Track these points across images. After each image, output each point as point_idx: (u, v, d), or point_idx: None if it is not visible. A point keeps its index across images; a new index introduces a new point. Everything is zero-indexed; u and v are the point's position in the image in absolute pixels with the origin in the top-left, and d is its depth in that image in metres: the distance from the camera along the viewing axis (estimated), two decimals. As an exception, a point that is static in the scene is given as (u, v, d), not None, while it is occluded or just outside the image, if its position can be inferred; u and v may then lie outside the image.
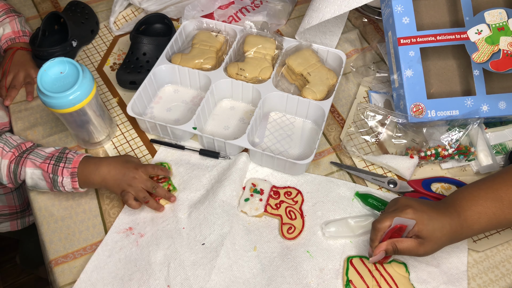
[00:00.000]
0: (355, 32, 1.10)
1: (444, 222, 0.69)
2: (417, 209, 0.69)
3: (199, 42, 1.00)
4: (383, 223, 0.70)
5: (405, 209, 0.69)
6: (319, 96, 0.92)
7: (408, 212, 0.69)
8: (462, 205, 0.70)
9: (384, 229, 0.70)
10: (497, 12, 0.85)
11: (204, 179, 0.87)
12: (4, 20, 1.04)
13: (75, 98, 0.78)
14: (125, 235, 0.80)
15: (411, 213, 0.68)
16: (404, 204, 0.71)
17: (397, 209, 0.70)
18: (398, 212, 0.69)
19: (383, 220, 0.70)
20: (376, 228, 0.70)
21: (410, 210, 0.69)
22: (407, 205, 0.70)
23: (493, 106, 0.85)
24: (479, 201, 0.70)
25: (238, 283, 0.75)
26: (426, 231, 0.68)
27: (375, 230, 0.71)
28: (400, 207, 0.70)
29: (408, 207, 0.69)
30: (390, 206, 0.74)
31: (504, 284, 0.76)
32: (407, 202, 0.71)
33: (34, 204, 0.85)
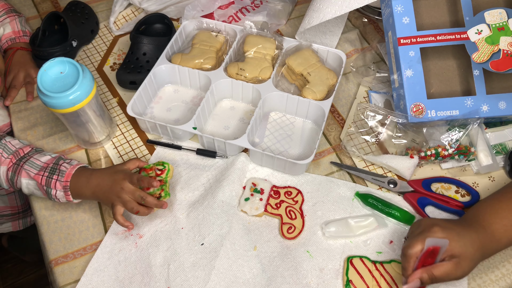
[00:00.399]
0: (355, 32, 1.10)
1: (473, 236, 0.67)
2: (444, 227, 0.67)
3: (199, 42, 1.00)
4: (414, 248, 0.66)
5: (432, 228, 0.66)
6: (319, 96, 0.92)
7: (436, 231, 0.66)
8: (486, 219, 0.69)
9: (416, 254, 0.66)
10: (497, 12, 0.85)
11: (202, 179, 0.86)
12: (5, 20, 1.04)
13: (75, 98, 0.78)
14: (124, 237, 0.80)
15: (440, 231, 0.66)
16: (429, 224, 0.68)
17: (424, 231, 0.67)
18: (425, 233, 0.66)
19: (414, 245, 0.66)
20: (407, 254, 0.66)
21: (438, 228, 0.66)
22: (433, 224, 0.67)
23: (493, 106, 0.85)
24: (503, 214, 0.69)
25: (238, 283, 0.75)
26: (459, 247, 0.65)
27: (406, 257, 0.66)
28: (426, 228, 0.68)
29: (434, 225, 0.67)
30: (413, 230, 0.71)
31: (504, 284, 0.76)
32: (432, 221, 0.69)
33: (34, 204, 0.85)
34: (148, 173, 0.83)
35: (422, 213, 0.81)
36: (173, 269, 0.76)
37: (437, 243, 0.65)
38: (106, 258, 0.78)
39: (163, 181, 0.82)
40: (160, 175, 0.82)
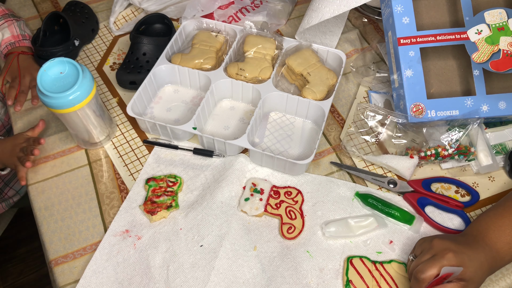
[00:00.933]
0: (355, 32, 1.10)
1: (482, 260, 0.67)
2: (457, 252, 0.67)
3: (199, 42, 1.00)
4: (428, 273, 0.66)
5: (446, 254, 0.66)
6: (319, 96, 0.92)
7: (450, 258, 0.66)
8: (491, 237, 0.70)
9: (429, 279, 0.66)
10: (497, 12, 0.85)
11: (200, 179, 0.87)
12: (3, 25, 1.04)
13: (75, 98, 0.78)
14: (122, 238, 0.80)
15: (453, 258, 0.66)
16: (442, 247, 0.68)
17: (437, 255, 0.67)
18: (439, 258, 0.66)
19: (427, 270, 0.66)
20: (420, 279, 0.66)
21: (452, 255, 0.66)
22: (446, 249, 0.67)
23: (493, 106, 0.85)
24: (506, 231, 0.70)
25: (238, 283, 0.75)
26: (469, 273, 0.66)
27: (419, 282, 0.66)
28: (439, 252, 0.67)
29: (448, 250, 0.67)
30: (423, 250, 0.70)
31: (504, 284, 0.76)
32: (445, 245, 0.68)
33: (34, 204, 0.85)
34: (158, 183, 0.84)
35: (422, 213, 0.81)
36: (172, 270, 0.76)
37: (452, 271, 0.65)
38: (104, 260, 0.78)
39: (174, 192, 0.84)
40: (172, 186, 0.84)
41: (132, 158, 0.90)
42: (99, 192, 0.86)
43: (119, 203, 0.84)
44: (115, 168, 0.89)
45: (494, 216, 0.72)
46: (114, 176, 0.88)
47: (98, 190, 0.86)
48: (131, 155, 0.91)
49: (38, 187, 0.87)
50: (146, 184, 0.85)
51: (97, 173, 0.88)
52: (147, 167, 0.88)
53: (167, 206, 0.82)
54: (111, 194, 0.86)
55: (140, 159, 0.90)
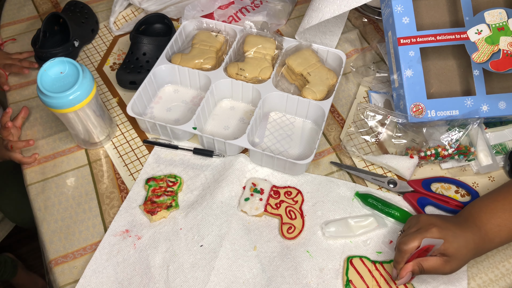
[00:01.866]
0: (355, 32, 1.10)
1: (468, 238, 0.68)
2: (442, 227, 0.68)
3: (199, 42, 1.00)
4: (410, 245, 0.68)
5: (430, 228, 0.68)
6: (319, 96, 0.92)
7: (433, 231, 0.68)
8: (481, 219, 0.70)
9: (411, 250, 0.68)
10: (497, 12, 0.85)
11: (200, 179, 0.87)
12: None
13: (75, 98, 0.78)
14: (122, 238, 0.80)
15: (437, 232, 0.68)
16: (428, 222, 0.70)
17: (421, 229, 0.69)
18: (422, 231, 0.68)
19: (409, 242, 0.68)
20: (402, 250, 0.69)
21: (435, 229, 0.68)
22: (431, 224, 0.69)
23: (493, 106, 0.85)
24: (498, 213, 0.70)
25: (238, 283, 0.75)
26: (452, 249, 0.67)
27: (401, 252, 0.69)
28: (423, 226, 0.69)
29: (433, 225, 0.69)
30: (410, 225, 0.73)
31: (504, 284, 0.76)
32: (430, 221, 0.70)
33: (34, 204, 0.85)
34: (158, 183, 0.84)
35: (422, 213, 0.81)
36: (172, 270, 0.76)
37: (432, 243, 0.67)
38: (104, 260, 0.78)
39: (174, 192, 0.84)
40: (172, 186, 0.84)
41: (132, 158, 0.90)
42: (99, 192, 0.86)
43: (119, 203, 0.84)
44: (115, 168, 0.89)
45: (487, 201, 0.74)
46: (114, 176, 0.88)
47: (98, 190, 0.86)
48: (131, 155, 0.91)
49: (38, 187, 0.87)
50: (146, 184, 0.85)
51: (97, 173, 0.88)
52: (147, 167, 0.88)
53: (167, 206, 0.82)
54: (111, 194, 0.86)
55: (140, 159, 0.90)
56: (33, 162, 0.90)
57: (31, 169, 0.89)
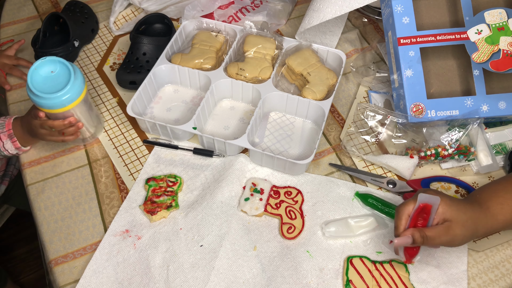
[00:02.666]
0: (355, 32, 1.10)
1: (467, 206, 0.68)
2: (438, 192, 0.69)
3: (199, 42, 1.00)
4: (407, 206, 0.68)
5: (426, 191, 0.68)
6: (319, 96, 0.92)
7: (428, 192, 0.68)
8: (483, 197, 0.70)
9: (408, 211, 0.68)
10: (497, 12, 0.85)
11: (200, 179, 0.87)
12: None
13: (66, 99, 0.78)
14: (122, 238, 0.80)
15: (432, 193, 0.67)
16: (423, 190, 0.70)
17: (416, 193, 0.69)
18: (415, 195, 0.69)
19: (406, 203, 0.68)
20: (400, 211, 0.68)
21: (431, 191, 0.68)
22: (426, 190, 0.69)
23: (493, 106, 0.85)
24: (499, 193, 0.70)
25: (238, 283, 0.75)
26: (450, 211, 0.66)
27: (399, 214, 0.69)
28: (419, 192, 0.70)
29: (428, 190, 0.69)
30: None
31: (504, 284, 0.76)
32: (426, 190, 0.70)
33: (34, 204, 0.85)
34: (158, 183, 0.85)
35: None
36: (172, 270, 0.76)
37: (428, 200, 0.66)
38: (104, 260, 0.78)
39: (174, 192, 0.84)
40: (172, 186, 0.84)
41: (132, 158, 0.90)
42: (99, 192, 0.86)
43: (119, 203, 0.84)
44: (115, 168, 0.89)
45: (489, 185, 0.74)
46: (114, 176, 0.88)
47: (98, 190, 0.86)
48: (131, 155, 0.91)
49: (38, 187, 0.87)
50: (146, 184, 0.85)
51: (97, 173, 0.88)
52: (147, 167, 0.88)
53: (167, 206, 0.82)
54: (111, 194, 0.86)
55: (140, 159, 0.90)
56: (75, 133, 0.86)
57: (31, 169, 0.89)
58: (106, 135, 0.94)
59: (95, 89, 1.01)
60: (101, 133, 0.94)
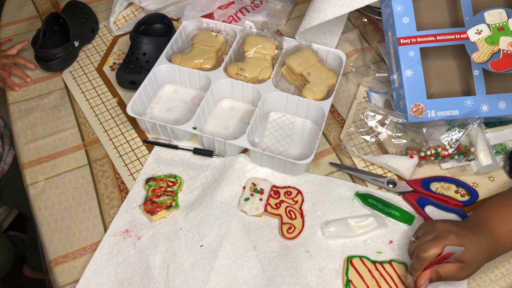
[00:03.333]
0: (355, 32, 1.10)
1: (483, 244, 0.68)
2: (459, 234, 0.68)
3: (199, 42, 1.00)
4: (430, 252, 0.67)
5: (448, 235, 0.68)
6: (319, 96, 0.92)
7: (452, 239, 0.67)
8: (493, 224, 0.70)
9: (431, 258, 0.68)
10: (497, 12, 0.85)
11: (200, 179, 0.87)
12: None
13: None
14: (122, 238, 0.80)
15: (455, 239, 0.67)
16: (444, 229, 0.69)
17: (439, 236, 0.69)
18: (441, 239, 0.68)
19: (429, 249, 0.67)
20: (422, 258, 0.68)
21: (454, 236, 0.68)
22: (448, 231, 0.69)
23: (493, 106, 0.85)
24: (509, 219, 0.71)
25: (238, 283, 0.75)
26: (469, 256, 0.67)
27: (420, 260, 0.68)
28: (441, 233, 0.69)
29: (450, 232, 0.68)
30: (426, 231, 0.72)
31: (504, 284, 0.76)
32: (447, 227, 0.70)
33: (34, 204, 0.85)
34: (158, 183, 0.84)
35: (421, 213, 0.81)
36: (172, 270, 0.76)
37: (454, 251, 0.67)
38: (104, 260, 0.78)
39: (174, 192, 0.84)
40: (172, 186, 0.84)
41: (132, 158, 0.90)
42: (99, 192, 0.86)
43: (119, 203, 0.84)
44: (115, 168, 0.89)
45: (498, 205, 0.73)
46: (114, 176, 0.88)
47: (98, 190, 0.86)
48: (131, 155, 0.91)
49: (38, 187, 0.87)
50: (146, 184, 0.85)
51: (97, 173, 0.88)
52: (147, 167, 0.88)
53: (167, 206, 0.82)
54: (111, 194, 0.86)
55: (140, 159, 0.90)
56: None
57: (31, 169, 0.89)
58: (106, 135, 0.94)
59: (95, 89, 1.01)
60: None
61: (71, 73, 1.04)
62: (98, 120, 0.96)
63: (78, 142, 0.93)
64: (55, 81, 1.03)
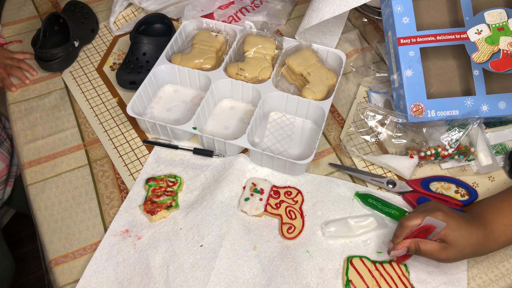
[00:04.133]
0: (355, 32, 1.10)
1: (472, 232, 0.69)
2: (447, 214, 0.69)
3: (199, 42, 1.00)
4: (412, 221, 0.69)
5: (435, 211, 0.69)
6: (319, 96, 0.92)
7: (438, 215, 0.68)
8: (488, 218, 0.71)
9: (412, 227, 0.69)
10: (497, 12, 0.85)
11: (200, 179, 0.87)
12: None
13: None
14: (122, 238, 0.80)
15: (441, 216, 0.68)
16: (435, 207, 0.71)
17: (427, 210, 0.70)
18: (428, 213, 0.69)
19: (412, 218, 0.69)
20: (404, 225, 0.70)
21: (441, 213, 0.68)
22: (437, 208, 0.70)
23: (493, 106, 0.85)
24: (504, 213, 0.71)
25: (238, 283, 0.75)
26: (452, 236, 0.68)
27: (402, 227, 0.70)
28: (430, 209, 0.70)
29: (439, 210, 0.69)
30: (419, 207, 0.74)
31: (504, 284, 0.76)
32: (438, 206, 0.71)
33: (34, 204, 0.85)
34: (158, 183, 0.84)
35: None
36: (172, 270, 0.76)
37: (434, 223, 0.68)
38: (104, 260, 0.78)
39: (174, 192, 0.84)
40: (172, 186, 0.84)
41: (132, 158, 0.90)
42: (99, 192, 0.86)
43: (119, 203, 0.84)
44: (115, 168, 0.89)
45: (495, 201, 0.74)
46: (114, 176, 0.88)
47: (98, 190, 0.86)
48: (131, 155, 0.91)
49: (38, 187, 0.87)
50: (146, 184, 0.85)
51: (97, 173, 0.88)
52: (147, 167, 0.88)
53: (167, 206, 0.82)
54: (111, 194, 0.86)
55: (140, 159, 0.90)
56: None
57: (31, 169, 0.89)
58: (106, 135, 0.94)
59: (95, 89, 1.01)
60: None
61: (71, 73, 1.04)
62: (98, 120, 0.96)
63: (78, 142, 0.93)
64: (55, 81, 1.03)
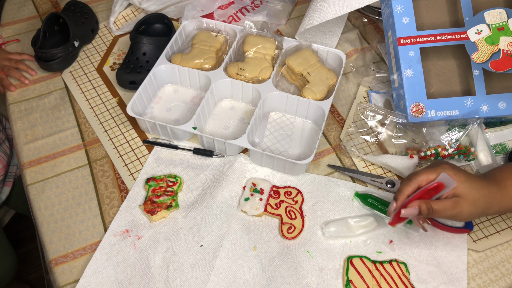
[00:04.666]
0: (355, 32, 1.10)
1: (483, 184, 0.66)
2: (455, 168, 0.66)
3: (199, 42, 1.00)
4: (425, 176, 0.65)
5: (444, 166, 0.65)
6: (319, 96, 0.92)
7: (446, 168, 0.65)
8: (502, 176, 0.68)
9: (422, 182, 0.65)
10: (497, 12, 0.85)
11: (200, 179, 0.87)
12: None
13: None
14: (122, 238, 0.80)
15: (450, 171, 0.65)
16: (443, 163, 0.67)
17: (433, 165, 0.67)
18: (435, 167, 0.65)
19: (425, 173, 0.65)
20: (414, 179, 0.65)
21: (448, 166, 0.65)
22: (443, 163, 0.67)
23: (493, 106, 0.85)
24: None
25: (238, 283, 0.75)
26: (463, 188, 0.64)
27: (411, 182, 0.66)
28: (436, 164, 0.67)
29: (446, 164, 0.66)
30: (421, 169, 0.70)
31: (504, 284, 0.76)
32: (443, 162, 0.68)
33: (34, 204, 0.85)
34: (158, 183, 0.84)
35: None
36: (172, 270, 0.76)
37: (446, 182, 0.64)
38: (104, 260, 0.78)
39: (174, 192, 0.84)
40: (172, 186, 0.84)
41: (132, 158, 0.90)
42: (99, 192, 0.86)
43: (119, 203, 0.84)
44: (115, 168, 0.89)
45: (507, 165, 0.72)
46: (114, 176, 0.88)
47: (98, 190, 0.86)
48: (131, 155, 0.91)
49: (38, 187, 0.87)
50: (146, 184, 0.85)
51: (97, 173, 0.88)
52: (147, 167, 0.88)
53: (167, 206, 0.82)
54: (111, 194, 0.86)
55: (140, 159, 0.90)
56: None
57: (31, 169, 0.89)
58: (106, 135, 0.94)
59: (95, 89, 1.01)
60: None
61: (71, 73, 1.04)
62: (98, 120, 0.96)
63: (78, 142, 0.93)
64: (55, 81, 1.03)
